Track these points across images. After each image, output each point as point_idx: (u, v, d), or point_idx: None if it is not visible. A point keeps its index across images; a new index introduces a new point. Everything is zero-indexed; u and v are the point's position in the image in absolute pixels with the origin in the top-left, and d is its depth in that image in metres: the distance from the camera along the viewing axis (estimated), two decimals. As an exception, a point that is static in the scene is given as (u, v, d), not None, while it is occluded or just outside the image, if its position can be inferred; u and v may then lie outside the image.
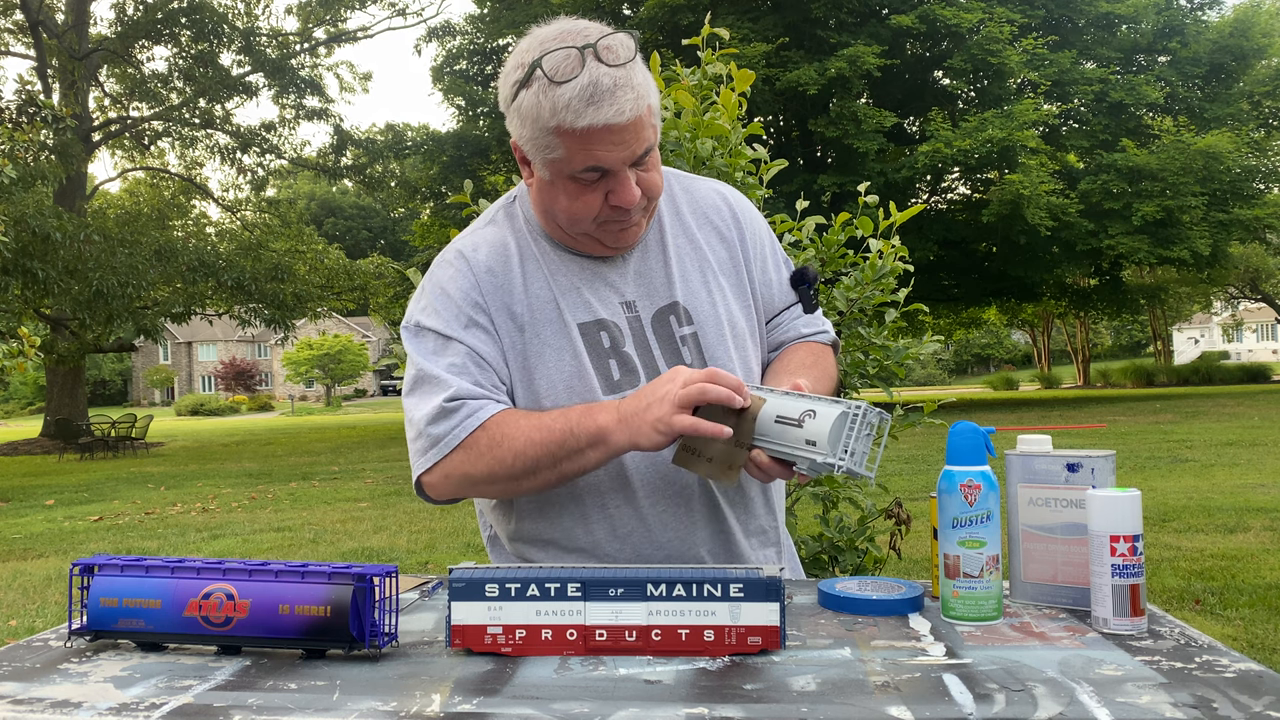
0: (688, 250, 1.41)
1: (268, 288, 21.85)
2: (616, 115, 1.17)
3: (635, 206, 1.27)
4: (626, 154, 1.22)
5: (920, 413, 2.84)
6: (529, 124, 1.22)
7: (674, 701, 0.88)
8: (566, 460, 1.24)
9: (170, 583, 1.06)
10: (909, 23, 20.59)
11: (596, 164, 1.22)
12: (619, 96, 1.17)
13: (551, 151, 1.22)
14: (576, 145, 1.20)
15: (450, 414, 1.27)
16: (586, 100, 1.16)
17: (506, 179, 3.14)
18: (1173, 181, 20.31)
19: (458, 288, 1.34)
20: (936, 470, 10.34)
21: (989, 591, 1.11)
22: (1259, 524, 6.58)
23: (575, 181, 1.24)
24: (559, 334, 1.32)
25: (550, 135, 1.21)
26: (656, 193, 1.30)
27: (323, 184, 62.64)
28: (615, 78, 1.17)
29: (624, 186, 1.24)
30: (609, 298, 1.35)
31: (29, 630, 5.11)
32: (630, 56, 1.20)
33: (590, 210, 1.27)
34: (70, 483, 13.98)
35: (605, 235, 1.31)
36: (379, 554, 6.90)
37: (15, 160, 14.19)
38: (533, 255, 1.36)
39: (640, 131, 1.22)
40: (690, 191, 1.47)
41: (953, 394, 4.46)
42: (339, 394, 60.46)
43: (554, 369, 1.31)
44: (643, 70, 1.23)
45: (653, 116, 1.24)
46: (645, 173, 1.26)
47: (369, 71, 32.62)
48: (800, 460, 1.17)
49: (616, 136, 1.19)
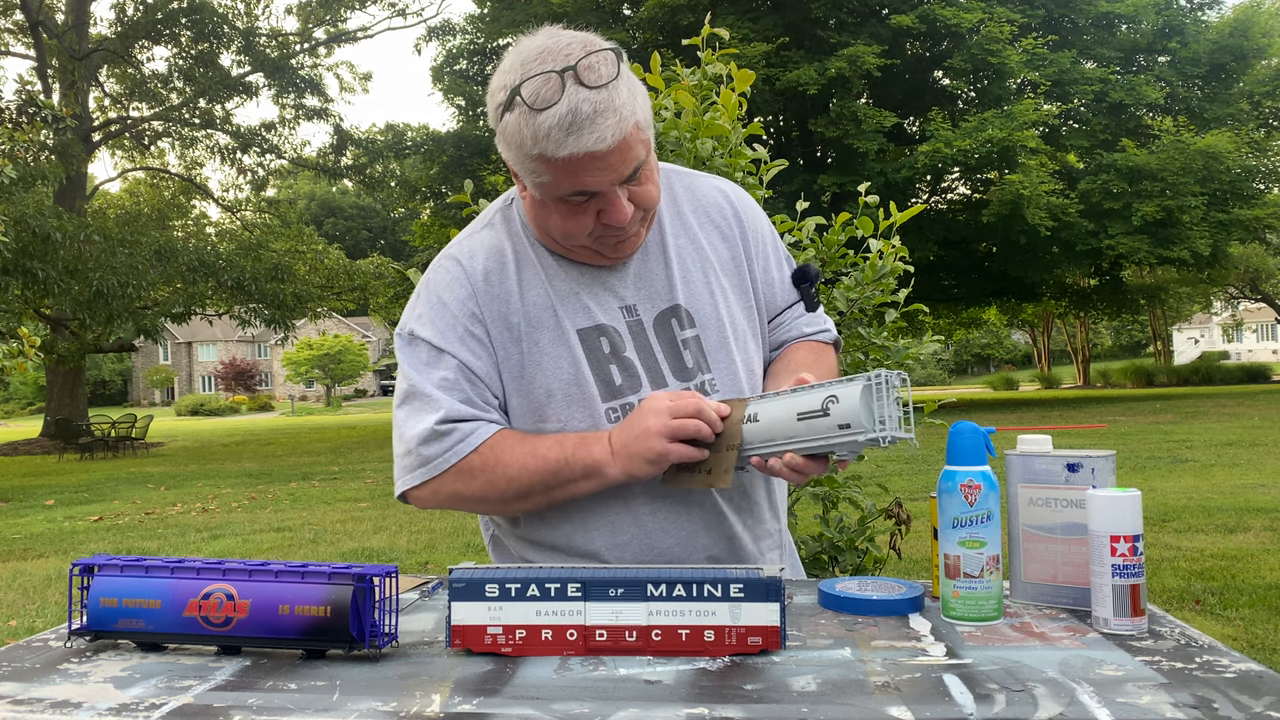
0: (689, 250, 1.39)
1: (268, 288, 21.84)
2: (598, 143, 1.15)
3: (630, 221, 1.25)
4: (614, 176, 1.20)
5: (920, 413, 2.84)
6: (513, 149, 1.21)
7: (674, 702, 0.88)
8: (559, 489, 1.27)
9: (170, 583, 1.06)
10: (909, 23, 20.58)
11: (583, 189, 1.20)
12: (599, 123, 1.14)
13: (539, 176, 1.21)
14: (561, 173, 1.18)
15: (443, 437, 1.27)
16: (566, 130, 1.14)
17: (506, 179, 3.15)
18: (1173, 181, 20.30)
19: (454, 296, 1.32)
20: (936, 470, 10.32)
21: (989, 592, 1.11)
22: (1259, 524, 6.58)
23: (566, 203, 1.23)
24: (557, 341, 1.31)
25: (534, 162, 1.19)
26: (652, 204, 1.27)
27: (323, 184, 62.64)
28: (596, 103, 1.14)
29: (615, 206, 1.22)
30: (608, 302, 1.34)
31: (29, 630, 5.11)
32: (613, 75, 1.16)
33: (583, 229, 1.25)
34: (70, 483, 13.98)
35: (603, 248, 1.30)
36: (379, 554, 6.90)
37: (15, 160, 14.18)
38: (530, 261, 1.34)
39: (627, 152, 1.19)
40: (692, 189, 1.44)
41: (953, 394, 4.46)
42: (339, 394, 60.45)
43: (552, 377, 1.30)
44: (628, 86, 1.19)
45: (641, 132, 1.21)
46: (639, 187, 1.24)
47: (369, 71, 32.62)
48: (839, 447, 1.15)
49: (601, 162, 1.17)
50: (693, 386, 1.34)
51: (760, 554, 1.40)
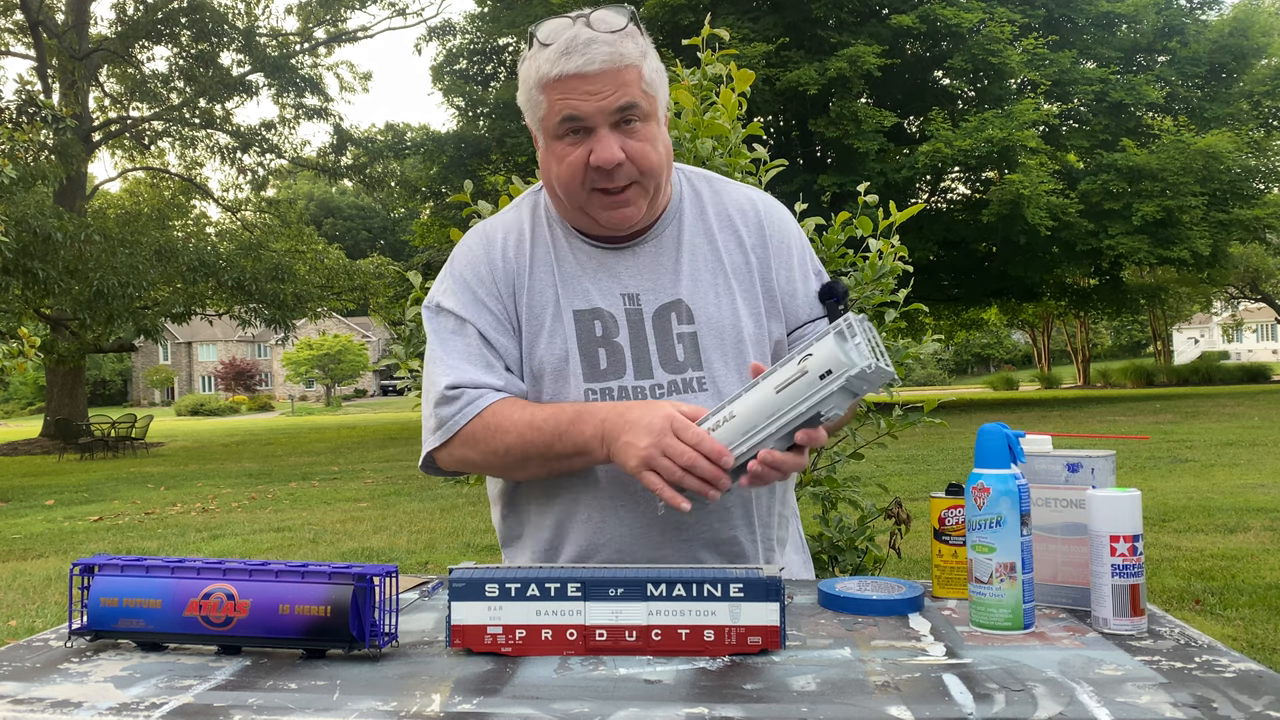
0: (703, 250, 1.41)
1: (268, 288, 21.85)
2: (586, 65, 1.24)
3: (620, 172, 1.29)
4: (601, 104, 1.26)
5: (920, 412, 2.84)
6: (523, 88, 1.32)
7: (674, 701, 0.88)
8: (554, 461, 1.30)
9: (170, 583, 1.06)
10: (909, 22, 20.56)
11: (572, 112, 1.27)
12: (592, 49, 1.25)
13: (538, 109, 1.30)
14: (554, 96, 1.27)
15: (452, 401, 1.33)
16: (562, 51, 1.25)
17: (506, 179, 3.15)
18: (1173, 181, 20.28)
19: (474, 273, 1.40)
20: (936, 470, 10.35)
21: (999, 600, 1.07)
22: (1259, 524, 6.58)
23: (560, 140, 1.30)
24: (554, 319, 1.36)
25: (536, 91, 1.29)
26: (649, 165, 1.30)
27: (322, 184, 62.63)
28: (594, 35, 1.26)
29: (602, 144, 1.27)
30: (610, 288, 1.37)
31: (29, 630, 5.11)
32: (620, 26, 1.27)
33: (574, 171, 1.30)
34: (70, 483, 13.98)
35: (597, 211, 1.33)
36: (379, 554, 6.90)
37: (15, 160, 14.18)
38: (544, 241, 1.41)
39: (618, 85, 1.26)
40: (720, 194, 1.47)
41: (953, 394, 4.45)
42: (339, 394, 60.46)
43: (546, 353, 1.35)
44: (637, 41, 1.29)
45: (643, 81, 1.29)
46: (634, 141, 1.29)
47: (369, 71, 32.59)
48: (826, 402, 1.12)
49: (590, 86, 1.25)
50: (680, 381, 1.34)
51: (765, 553, 1.41)
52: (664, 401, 1.25)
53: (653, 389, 1.34)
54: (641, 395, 1.33)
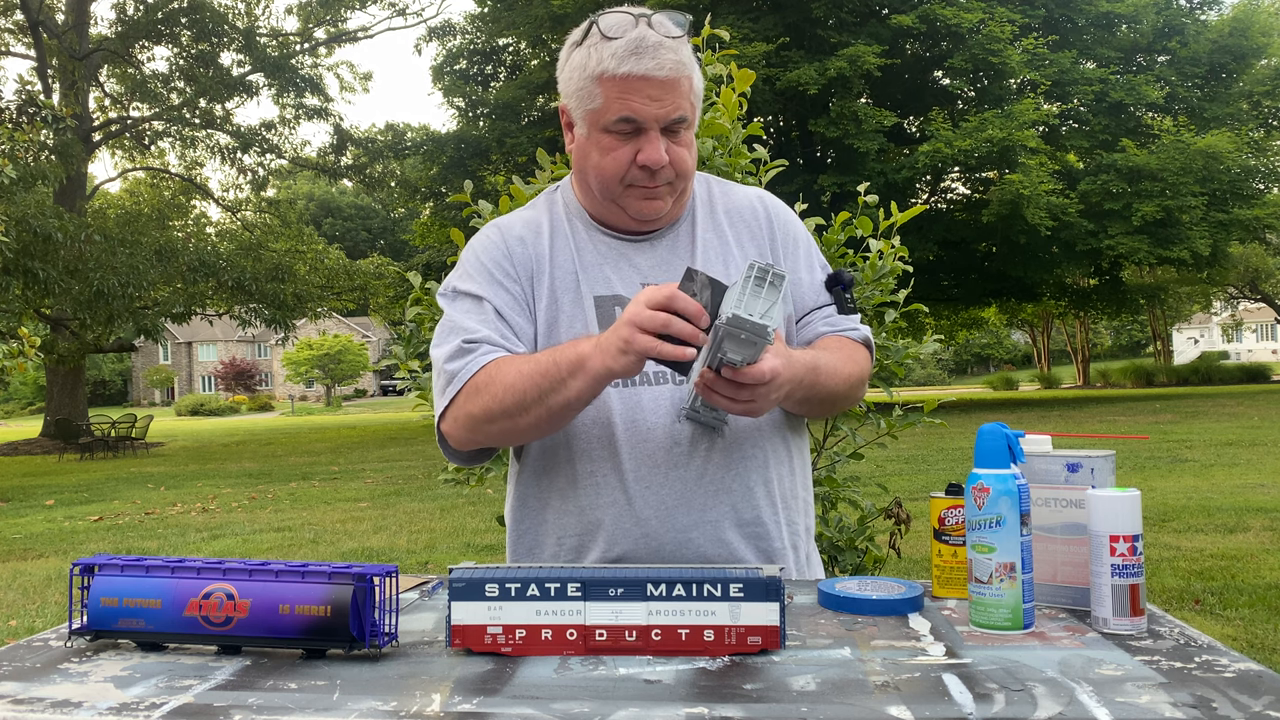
0: (715, 244, 1.46)
1: (268, 288, 21.84)
2: (656, 69, 1.27)
3: (661, 174, 1.33)
4: (660, 111, 1.29)
5: (920, 412, 2.84)
6: (576, 75, 1.32)
7: (674, 701, 0.88)
8: (552, 392, 1.26)
9: (170, 582, 1.06)
10: (909, 22, 20.56)
11: (630, 114, 1.29)
12: (661, 53, 1.27)
13: (592, 101, 1.31)
14: (615, 93, 1.29)
15: (465, 353, 1.35)
16: (630, 50, 1.27)
17: (506, 179, 3.15)
18: (1172, 181, 20.29)
19: (490, 256, 1.43)
20: (936, 470, 10.35)
21: (999, 600, 1.08)
22: (1259, 524, 6.58)
23: (608, 134, 1.32)
24: (575, 304, 1.40)
25: (593, 83, 1.30)
26: (685, 170, 1.36)
27: (322, 184, 62.64)
28: (660, 40, 1.28)
29: (652, 145, 1.30)
30: (630, 276, 1.41)
31: (29, 630, 5.11)
32: (679, 33, 1.31)
33: (619, 167, 1.33)
34: (70, 483, 13.98)
35: (630, 201, 1.36)
36: (379, 554, 6.90)
37: (15, 160, 14.17)
38: (563, 232, 1.44)
39: (676, 95, 1.29)
40: (728, 194, 1.53)
41: (952, 394, 4.45)
42: (339, 394, 60.42)
43: (567, 335, 1.37)
44: (690, 51, 1.33)
45: (692, 94, 1.32)
46: (677, 146, 1.33)
47: (369, 71, 32.63)
48: (724, 345, 1.11)
49: (654, 90, 1.28)
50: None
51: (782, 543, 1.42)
52: None
53: (671, 373, 1.36)
54: (661, 379, 1.36)
